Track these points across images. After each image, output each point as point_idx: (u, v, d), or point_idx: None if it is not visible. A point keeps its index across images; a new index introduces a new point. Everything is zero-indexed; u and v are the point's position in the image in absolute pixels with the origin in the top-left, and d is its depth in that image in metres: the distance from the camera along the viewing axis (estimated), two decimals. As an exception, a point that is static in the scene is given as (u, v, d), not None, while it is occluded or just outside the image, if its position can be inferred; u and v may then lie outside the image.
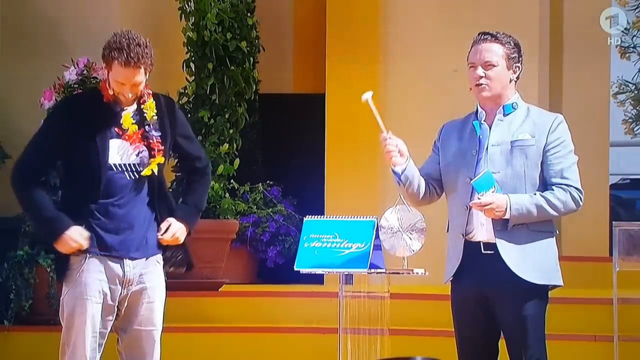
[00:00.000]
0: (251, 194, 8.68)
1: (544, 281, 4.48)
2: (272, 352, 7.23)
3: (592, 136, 8.92)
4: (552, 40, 8.70)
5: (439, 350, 4.94)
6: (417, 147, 4.77)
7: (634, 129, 16.08)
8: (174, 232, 4.72)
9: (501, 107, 4.54)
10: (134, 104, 4.70)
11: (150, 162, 4.66)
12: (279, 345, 7.24)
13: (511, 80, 4.54)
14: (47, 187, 4.67)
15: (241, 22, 8.24)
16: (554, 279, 4.53)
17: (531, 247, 4.46)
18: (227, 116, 8.19)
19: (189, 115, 8.20)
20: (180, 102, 8.24)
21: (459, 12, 8.20)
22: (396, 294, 5.13)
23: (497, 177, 4.45)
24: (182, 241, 4.77)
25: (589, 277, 7.89)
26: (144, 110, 4.70)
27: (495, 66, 4.50)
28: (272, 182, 8.78)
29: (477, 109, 4.59)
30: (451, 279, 4.58)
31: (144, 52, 4.58)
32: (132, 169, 4.66)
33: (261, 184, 8.73)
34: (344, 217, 4.96)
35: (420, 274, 4.79)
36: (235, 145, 8.20)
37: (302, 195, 8.69)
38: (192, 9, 8.21)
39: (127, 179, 4.65)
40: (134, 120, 4.68)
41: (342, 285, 4.88)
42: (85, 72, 7.55)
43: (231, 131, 8.19)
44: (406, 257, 4.90)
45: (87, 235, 4.59)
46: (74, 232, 4.57)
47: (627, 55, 14.23)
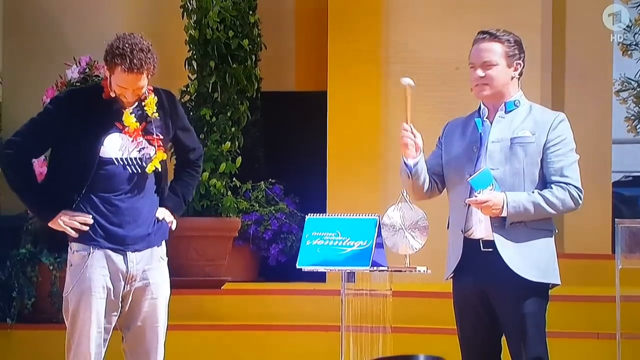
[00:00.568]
0: (253, 192, 8.68)
1: (541, 279, 4.47)
2: (274, 350, 7.23)
3: (594, 134, 8.92)
4: (554, 37, 8.70)
5: (441, 347, 4.93)
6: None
7: (637, 127, 16.06)
8: (170, 220, 4.74)
9: (503, 104, 4.54)
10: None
11: (153, 158, 4.67)
12: (281, 342, 7.24)
13: (513, 77, 4.53)
14: (33, 169, 4.69)
15: (243, 20, 8.24)
16: (552, 277, 4.51)
17: (529, 245, 4.46)
18: (229, 114, 8.19)
19: (191, 113, 8.20)
20: (182, 100, 8.24)
21: (462, 9, 8.19)
22: (398, 291, 5.13)
23: (496, 174, 4.45)
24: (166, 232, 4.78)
25: (592, 274, 7.89)
26: (144, 106, 4.70)
27: (494, 65, 4.49)
28: (274, 180, 8.78)
29: (480, 106, 4.59)
30: (452, 276, 4.58)
31: (146, 58, 4.58)
32: (135, 163, 4.67)
33: (263, 182, 8.73)
34: (345, 214, 4.96)
35: (422, 271, 4.79)
36: (237, 143, 8.20)
37: (304, 193, 8.69)
38: (194, 7, 8.20)
39: (130, 172, 4.66)
40: (134, 116, 4.68)
41: (344, 283, 4.88)
42: (87, 70, 7.56)
43: (233, 129, 8.19)
44: (408, 255, 4.90)
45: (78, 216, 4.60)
46: (62, 215, 4.61)
47: (629, 52, 14.22)
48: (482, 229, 4.47)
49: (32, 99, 7.65)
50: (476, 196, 4.39)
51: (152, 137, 4.69)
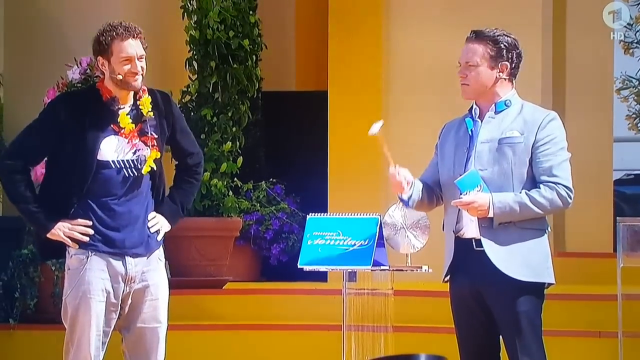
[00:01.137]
0: (254, 191, 8.68)
1: (531, 278, 4.44)
2: (275, 350, 7.23)
3: (595, 132, 8.90)
4: (555, 36, 8.69)
5: (442, 347, 4.93)
6: (419, 144, 4.78)
7: (638, 125, 16.06)
8: (159, 228, 4.71)
9: (493, 104, 4.52)
10: (129, 101, 4.69)
11: (147, 158, 4.66)
12: (283, 342, 7.24)
13: (499, 78, 4.48)
14: (31, 179, 4.67)
15: (243, 20, 8.23)
16: (544, 276, 4.48)
17: (518, 245, 4.43)
18: (230, 114, 8.19)
19: (192, 113, 8.20)
20: (183, 100, 8.24)
21: (462, 9, 8.18)
22: (400, 291, 5.13)
23: (484, 174, 4.43)
24: (161, 238, 4.75)
25: (593, 273, 7.88)
26: (139, 106, 4.70)
27: (475, 66, 4.47)
28: (275, 180, 8.78)
29: (472, 106, 4.58)
30: (448, 277, 4.57)
31: (134, 25, 4.62)
32: (130, 166, 4.65)
33: (264, 182, 8.73)
34: (347, 214, 4.96)
35: (424, 270, 4.79)
36: (238, 143, 8.20)
37: (305, 192, 8.68)
38: (195, 7, 8.20)
39: (126, 175, 4.65)
40: (130, 117, 4.67)
41: (346, 282, 4.88)
42: (88, 71, 7.55)
43: (234, 129, 8.18)
44: (410, 254, 4.90)
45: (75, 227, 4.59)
46: (61, 225, 4.59)
47: (630, 50, 14.23)
48: (473, 229, 4.46)
49: (34, 100, 7.65)
50: (461, 197, 4.39)
51: (147, 137, 4.68)
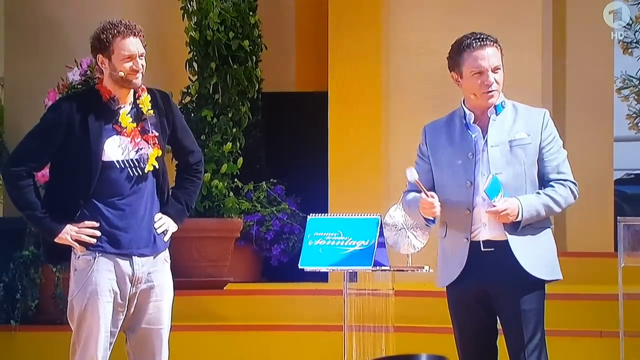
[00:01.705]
0: (255, 192, 8.68)
1: (548, 276, 4.51)
2: (276, 350, 7.24)
3: (596, 131, 8.91)
4: (555, 35, 8.69)
5: (443, 347, 4.93)
6: (418, 144, 4.76)
7: (638, 124, 16.07)
8: (166, 229, 4.72)
9: (493, 107, 4.51)
10: (129, 100, 4.69)
11: (149, 156, 4.66)
12: (284, 343, 7.24)
13: None
14: (35, 185, 4.67)
15: (243, 21, 8.24)
16: (556, 273, 4.55)
17: (535, 244, 4.49)
18: (230, 115, 8.20)
19: (192, 114, 8.21)
20: (183, 101, 8.25)
21: (462, 8, 8.19)
22: (400, 291, 5.13)
23: (500, 178, 4.44)
24: (168, 239, 4.76)
25: (594, 272, 7.88)
26: (139, 105, 4.70)
27: (500, 69, 4.49)
28: (275, 181, 8.78)
29: (464, 111, 4.55)
30: (449, 281, 4.56)
31: (134, 23, 4.64)
32: (134, 165, 4.66)
33: (265, 183, 8.73)
34: (347, 214, 4.96)
35: (425, 271, 4.79)
36: (238, 144, 8.20)
37: (306, 193, 8.69)
38: (195, 8, 8.21)
39: (131, 175, 4.65)
40: (131, 117, 4.68)
41: (347, 282, 4.88)
42: (88, 72, 7.56)
43: (234, 130, 8.19)
44: (410, 255, 4.90)
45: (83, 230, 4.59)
46: (68, 229, 4.59)
47: (629, 50, 14.23)
48: (485, 231, 4.47)
49: (34, 101, 7.66)
50: (494, 205, 4.39)
51: (148, 136, 4.68)
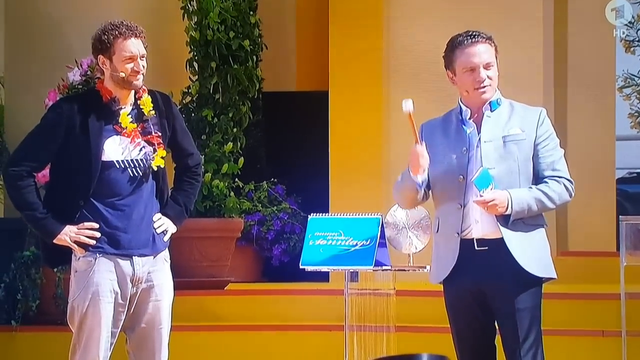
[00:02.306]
0: (256, 192, 8.67)
1: (543, 274, 4.50)
2: (278, 350, 7.23)
3: (597, 130, 8.90)
4: (556, 33, 8.68)
5: (444, 347, 4.92)
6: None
7: (640, 123, 16.05)
8: (166, 229, 4.72)
9: (488, 103, 4.53)
10: (129, 101, 4.69)
11: (154, 156, 4.66)
12: (285, 343, 7.23)
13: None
14: (36, 185, 4.67)
15: (244, 20, 8.23)
16: (550, 271, 4.55)
17: (528, 242, 4.48)
18: (230, 115, 8.19)
19: (193, 114, 8.20)
20: (183, 101, 8.24)
21: (463, 7, 8.18)
22: (402, 290, 5.12)
23: (492, 173, 4.45)
24: (167, 239, 4.75)
25: (596, 272, 7.88)
26: (140, 106, 4.70)
27: (493, 66, 4.52)
28: (276, 180, 8.78)
29: (460, 108, 4.58)
30: (443, 280, 4.55)
31: (136, 24, 4.64)
32: (135, 165, 4.65)
33: (266, 182, 8.73)
34: (348, 214, 4.95)
35: (426, 270, 4.78)
36: (239, 143, 8.20)
37: (307, 193, 8.68)
38: (195, 8, 8.20)
39: (131, 175, 4.65)
40: (131, 117, 4.68)
41: (348, 282, 4.88)
42: (89, 72, 7.55)
43: (235, 130, 8.18)
44: (411, 254, 4.89)
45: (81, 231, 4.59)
46: (68, 231, 4.58)
47: (631, 49, 14.21)
48: (478, 229, 4.47)
49: (34, 101, 7.65)
50: (481, 196, 4.39)
51: (151, 136, 4.68)
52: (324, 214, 5.02)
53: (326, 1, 8.58)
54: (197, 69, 8.25)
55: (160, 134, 4.69)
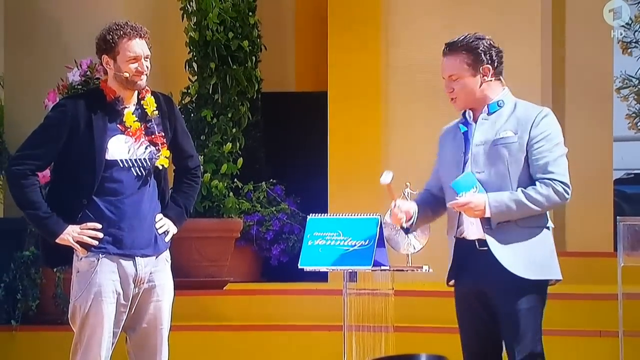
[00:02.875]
0: (255, 192, 8.69)
1: (537, 276, 4.45)
2: (276, 350, 7.24)
3: (595, 131, 8.91)
4: (554, 34, 8.70)
5: (443, 347, 4.94)
6: (420, 144, 4.78)
7: (638, 124, 16.09)
8: (167, 229, 4.73)
9: (486, 106, 4.52)
10: (133, 100, 4.71)
11: (159, 155, 4.67)
12: (284, 343, 7.24)
13: (484, 82, 4.48)
14: (39, 184, 4.67)
15: (243, 21, 8.24)
16: (550, 273, 4.49)
17: (521, 244, 4.44)
18: (229, 115, 8.20)
19: (192, 115, 8.21)
20: (183, 102, 8.25)
21: (462, 8, 8.19)
22: (400, 290, 5.14)
23: (481, 177, 4.44)
24: (169, 240, 4.77)
25: (594, 272, 7.89)
26: (144, 106, 4.71)
27: (458, 79, 4.48)
28: (275, 181, 8.79)
29: (466, 110, 4.57)
30: (453, 280, 4.58)
31: (141, 25, 4.66)
32: (140, 164, 4.66)
33: (264, 183, 8.74)
34: (347, 214, 4.97)
35: (424, 271, 4.79)
36: (238, 144, 8.21)
37: (306, 193, 8.70)
38: (194, 9, 8.21)
39: (134, 174, 4.66)
40: (135, 116, 4.69)
41: (346, 282, 4.89)
42: (88, 73, 7.56)
43: (234, 130, 8.19)
44: (410, 254, 4.91)
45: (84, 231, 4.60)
46: (70, 230, 4.59)
47: (629, 50, 14.23)
48: (474, 230, 4.47)
49: (34, 101, 7.67)
50: (457, 199, 4.40)
51: (155, 136, 4.70)
52: (323, 214, 5.03)
53: (325, 2, 8.59)
54: (196, 69, 8.25)
55: (163, 134, 4.72)
